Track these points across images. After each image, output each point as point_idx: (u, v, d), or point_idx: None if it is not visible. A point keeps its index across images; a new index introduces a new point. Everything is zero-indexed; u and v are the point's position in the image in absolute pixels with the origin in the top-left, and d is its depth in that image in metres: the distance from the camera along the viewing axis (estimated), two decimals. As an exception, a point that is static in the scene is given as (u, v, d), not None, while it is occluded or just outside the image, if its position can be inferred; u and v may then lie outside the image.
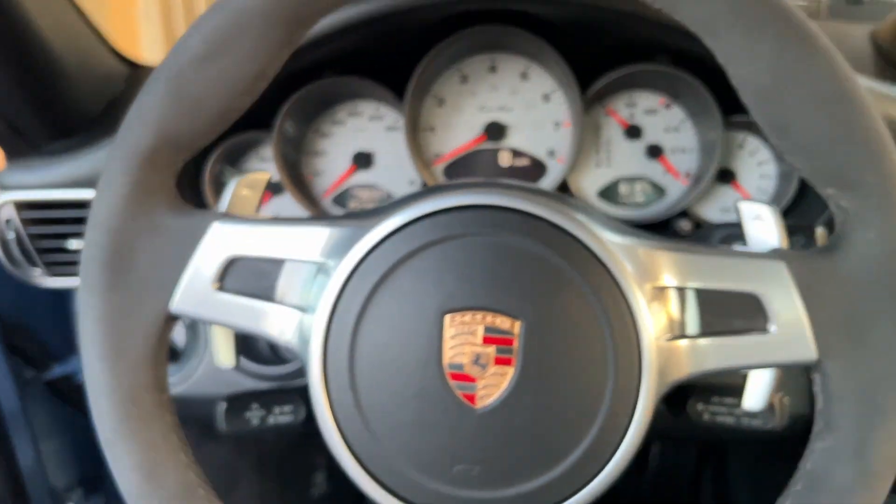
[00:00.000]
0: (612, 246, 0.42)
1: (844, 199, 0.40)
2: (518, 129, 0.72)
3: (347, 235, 0.44)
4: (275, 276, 0.46)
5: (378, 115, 0.73)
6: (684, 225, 0.68)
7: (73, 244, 0.70)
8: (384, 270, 0.42)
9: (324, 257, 0.44)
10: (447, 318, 0.42)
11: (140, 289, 0.44)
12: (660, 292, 0.43)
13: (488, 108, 0.72)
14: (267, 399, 0.55)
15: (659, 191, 0.71)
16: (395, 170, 0.73)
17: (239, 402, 0.55)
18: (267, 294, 0.46)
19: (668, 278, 0.42)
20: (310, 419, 0.57)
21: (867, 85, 0.65)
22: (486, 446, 0.42)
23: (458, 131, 0.72)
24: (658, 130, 0.71)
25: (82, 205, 0.69)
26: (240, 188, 0.50)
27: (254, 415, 0.55)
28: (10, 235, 0.69)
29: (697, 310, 0.42)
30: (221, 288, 0.45)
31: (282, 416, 0.56)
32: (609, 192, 0.72)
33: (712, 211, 0.70)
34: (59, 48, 0.70)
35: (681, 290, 0.42)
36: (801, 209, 0.69)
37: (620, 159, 0.71)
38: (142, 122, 0.44)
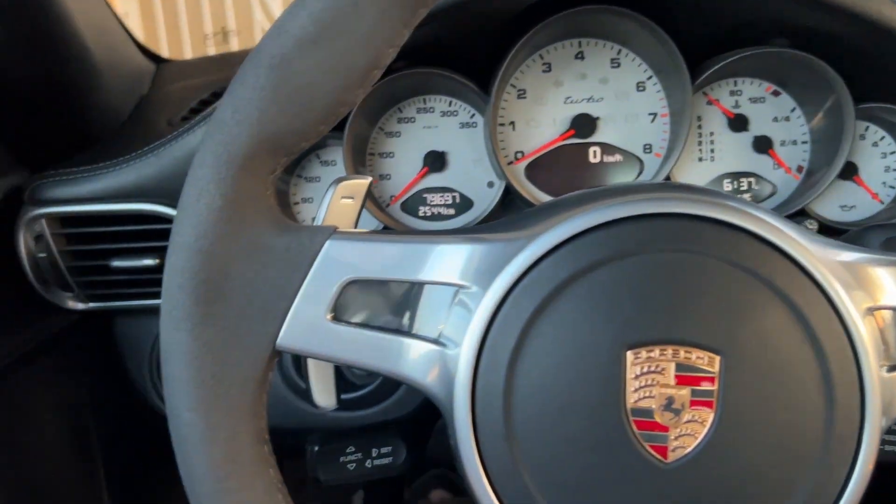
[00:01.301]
0: (825, 261, 0.35)
1: None
2: (609, 122, 0.64)
3: (496, 253, 0.36)
4: (402, 302, 0.38)
5: (451, 110, 0.65)
6: (809, 225, 0.61)
7: (116, 263, 0.61)
8: (544, 295, 0.35)
9: (466, 280, 0.37)
10: (629, 354, 0.34)
11: (239, 323, 0.36)
12: (872, 314, 0.36)
13: (575, 99, 0.64)
14: (362, 440, 0.48)
15: (769, 187, 0.64)
16: (471, 170, 0.65)
17: (333, 445, 0.47)
18: (392, 325, 0.38)
19: (890, 297, 0.35)
20: (410, 460, 0.50)
21: None
22: (679, 508, 0.34)
23: (541, 126, 0.65)
24: (765, 120, 0.64)
25: (125, 219, 0.60)
26: (338, 196, 0.42)
27: (350, 459, 0.47)
28: (42, 255, 0.61)
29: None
30: (336, 318, 0.37)
31: (380, 459, 0.48)
32: (711, 191, 0.65)
33: (832, 209, 0.63)
34: (92, 43, 0.62)
35: (899, 312, 0.35)
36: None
37: (724, 153, 0.64)
38: (237, 119, 0.36)
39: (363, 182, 0.42)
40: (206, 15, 2.47)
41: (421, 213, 0.66)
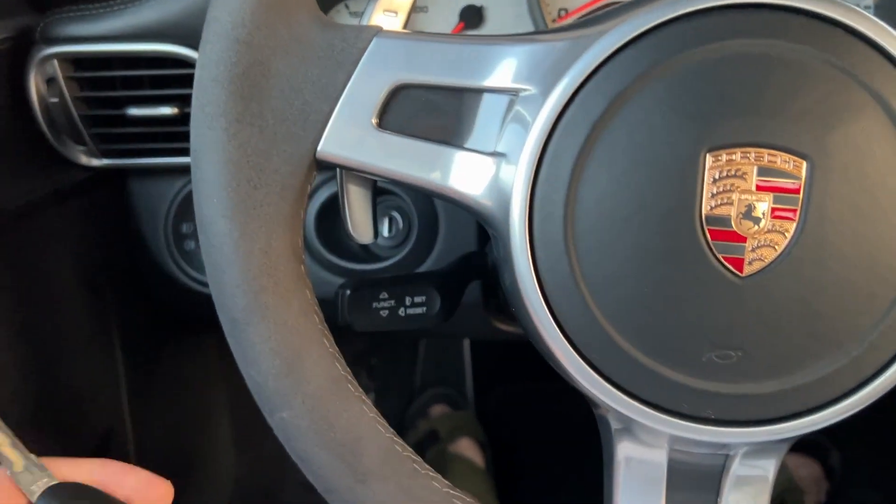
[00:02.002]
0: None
1: None
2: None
3: (561, 52, 0.33)
4: (455, 112, 0.35)
5: (490, -40, 0.61)
6: None
7: (132, 111, 0.58)
8: (614, 95, 0.32)
9: (525, 82, 0.33)
10: (708, 157, 0.31)
11: (278, 125, 0.33)
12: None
13: (624, -48, 0.60)
14: (396, 288, 0.45)
15: None
16: (510, 27, 0.61)
17: (364, 290, 0.45)
18: (443, 136, 0.35)
19: None
20: (444, 313, 0.47)
21: None
22: (752, 326, 0.32)
23: (587, -20, 0.60)
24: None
25: (144, 62, 0.57)
26: (380, 9, 0.38)
27: (383, 306, 0.45)
28: (54, 99, 0.57)
29: None
30: (382, 125, 0.34)
31: (413, 308, 0.46)
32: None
33: None
34: None
35: None
36: None
37: None
38: None
39: (407, -3, 0.39)
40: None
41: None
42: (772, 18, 0.31)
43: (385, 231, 0.63)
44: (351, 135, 0.34)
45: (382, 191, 0.63)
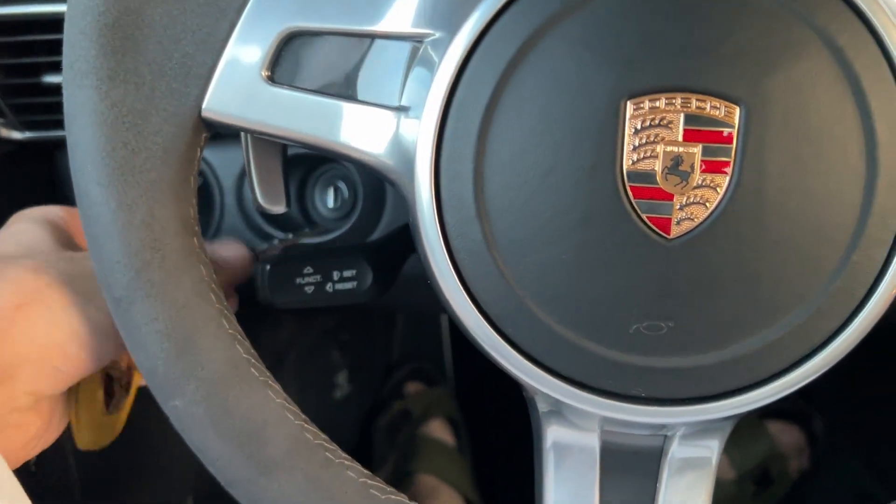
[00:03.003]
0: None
1: None
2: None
3: (463, -10, 0.29)
4: (352, 62, 0.31)
5: None
6: None
7: (48, 79, 0.54)
8: (525, 36, 0.28)
9: (428, 25, 0.30)
10: (628, 105, 0.28)
11: (156, 81, 0.30)
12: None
13: None
14: (322, 261, 0.42)
15: None
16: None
17: (287, 264, 0.41)
18: (341, 90, 0.31)
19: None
20: (376, 288, 0.44)
21: None
22: (683, 293, 0.28)
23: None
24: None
25: (58, 23, 0.53)
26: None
27: (308, 281, 0.42)
28: (-35, 69, 0.53)
29: None
30: (274, 79, 0.31)
31: (342, 283, 0.42)
32: None
33: None
34: None
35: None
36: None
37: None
38: None
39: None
40: None
41: None
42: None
43: (330, 202, 0.60)
44: (238, 90, 0.30)
45: (325, 159, 0.59)
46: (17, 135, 0.57)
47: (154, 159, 0.30)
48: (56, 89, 0.54)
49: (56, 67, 0.54)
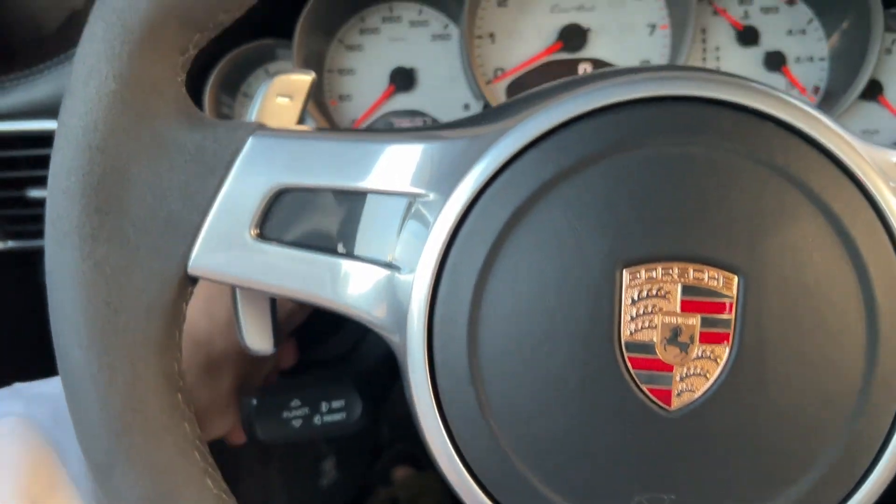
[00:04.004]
0: (872, 161, 0.27)
1: None
2: (602, 34, 0.56)
3: (459, 152, 0.29)
4: (344, 217, 0.31)
5: (421, 19, 0.57)
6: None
7: (33, 193, 0.53)
8: (519, 202, 0.28)
9: (421, 186, 0.29)
10: (625, 274, 0.27)
11: (141, 239, 0.29)
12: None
13: (563, 7, 0.56)
14: (310, 393, 0.41)
15: (779, 110, 0.57)
16: (444, 90, 0.57)
17: (274, 398, 0.40)
18: (332, 244, 0.31)
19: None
20: (366, 417, 0.43)
21: None
22: (686, 465, 0.27)
23: (525, 38, 0.57)
24: (778, 34, 0.56)
25: (42, 139, 0.52)
26: (272, 95, 0.34)
27: (295, 415, 0.40)
28: (-51, 183, 0.53)
29: None
30: (262, 235, 0.30)
31: (331, 414, 0.41)
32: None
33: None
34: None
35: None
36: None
37: (732, 71, 0.57)
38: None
39: (304, 79, 0.34)
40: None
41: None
42: (693, 113, 0.27)
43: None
44: (226, 247, 0.30)
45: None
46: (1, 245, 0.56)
47: (137, 318, 0.29)
48: (40, 202, 0.54)
49: (40, 182, 0.53)
